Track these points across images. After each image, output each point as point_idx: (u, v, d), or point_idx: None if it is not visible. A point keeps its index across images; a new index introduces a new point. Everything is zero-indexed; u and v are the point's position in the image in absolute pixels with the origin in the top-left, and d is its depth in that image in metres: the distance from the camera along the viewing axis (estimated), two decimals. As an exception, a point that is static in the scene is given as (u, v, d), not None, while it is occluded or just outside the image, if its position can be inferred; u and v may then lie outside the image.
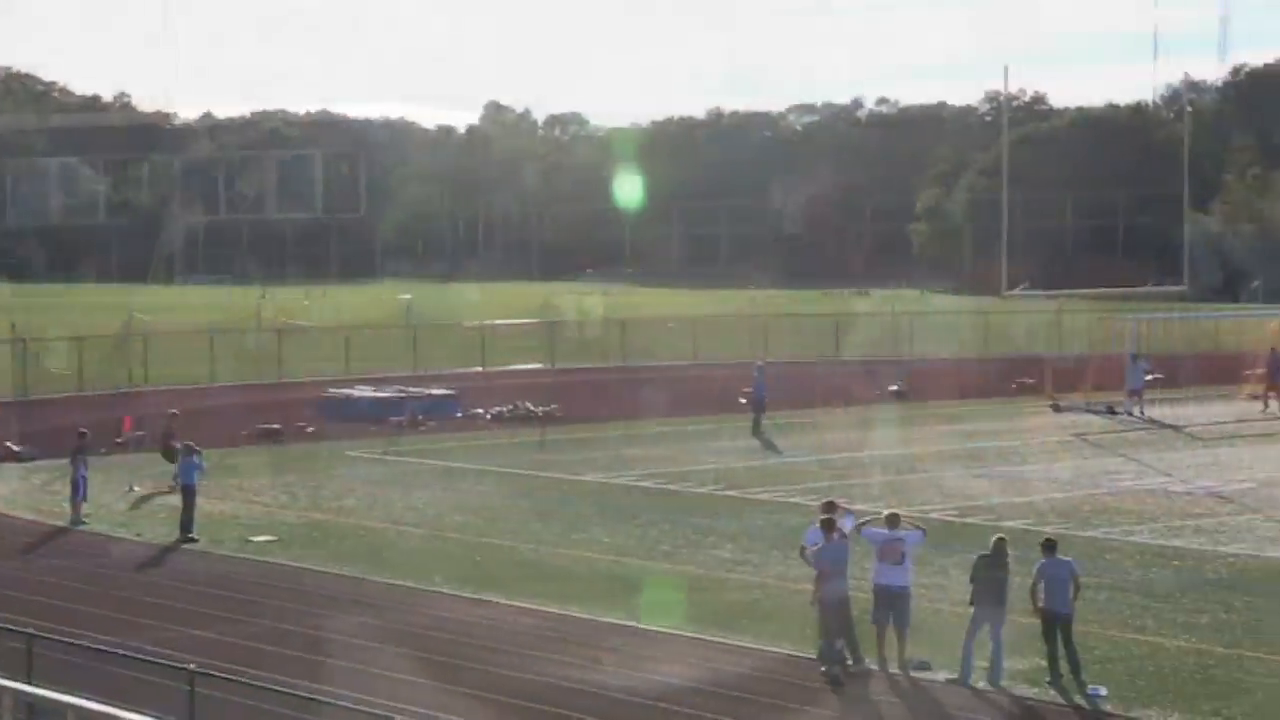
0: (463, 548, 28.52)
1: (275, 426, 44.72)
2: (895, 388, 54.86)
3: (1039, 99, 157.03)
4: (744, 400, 47.54)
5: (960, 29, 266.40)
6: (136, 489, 35.09)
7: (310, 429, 45.30)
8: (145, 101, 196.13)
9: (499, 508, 32.73)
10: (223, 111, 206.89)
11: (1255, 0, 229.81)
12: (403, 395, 50.08)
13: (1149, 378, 49.94)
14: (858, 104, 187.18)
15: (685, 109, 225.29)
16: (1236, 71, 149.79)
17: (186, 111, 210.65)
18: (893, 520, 20.94)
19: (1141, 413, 47.76)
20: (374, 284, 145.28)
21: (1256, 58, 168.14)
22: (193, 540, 29.19)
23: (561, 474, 37.41)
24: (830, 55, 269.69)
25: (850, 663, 20.32)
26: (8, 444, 40.60)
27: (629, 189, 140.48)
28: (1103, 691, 19.19)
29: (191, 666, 15.41)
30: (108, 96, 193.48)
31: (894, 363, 63.88)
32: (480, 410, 48.98)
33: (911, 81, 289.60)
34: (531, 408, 49.30)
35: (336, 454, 40.67)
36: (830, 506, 21.47)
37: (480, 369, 62.09)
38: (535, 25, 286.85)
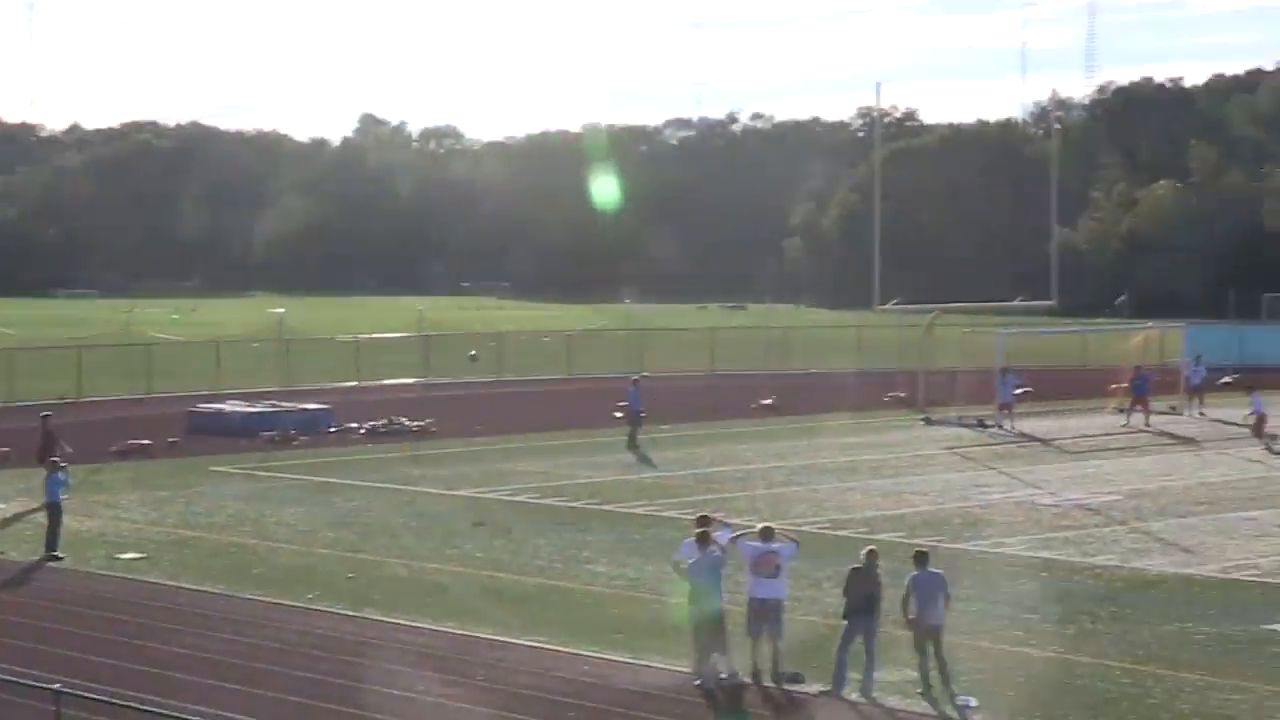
0: (336, 564, 28.27)
1: (144, 442, 44.10)
2: (769, 401, 55.17)
3: (910, 115, 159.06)
4: (619, 414, 47.59)
5: (834, 46, 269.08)
6: (2, 506, 34.44)
7: (180, 444, 44.73)
8: (10, 113, 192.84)
9: (373, 523, 32.49)
10: (91, 123, 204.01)
11: (1121, 19, 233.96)
12: (275, 410, 49.59)
13: (1018, 391, 50.61)
14: (733, 118, 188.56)
15: (562, 123, 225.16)
16: (1103, 89, 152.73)
17: (54, 123, 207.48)
18: (767, 533, 21.04)
19: (1011, 426, 48.39)
20: (246, 298, 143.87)
21: (1123, 76, 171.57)
22: (58, 559, 28.68)
23: (435, 489, 37.22)
24: (707, 71, 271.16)
25: (724, 676, 20.38)
26: None
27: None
28: (973, 702, 19.42)
29: (57, 686, 15.13)
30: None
31: (768, 376, 64.28)
32: (354, 425, 48.62)
33: (786, 97, 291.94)
34: (406, 422, 49.03)
35: (206, 470, 40.16)
36: (704, 520, 21.53)
37: (355, 383, 61.69)
38: (412, 39, 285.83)
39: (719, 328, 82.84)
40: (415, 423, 48.95)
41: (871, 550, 20.59)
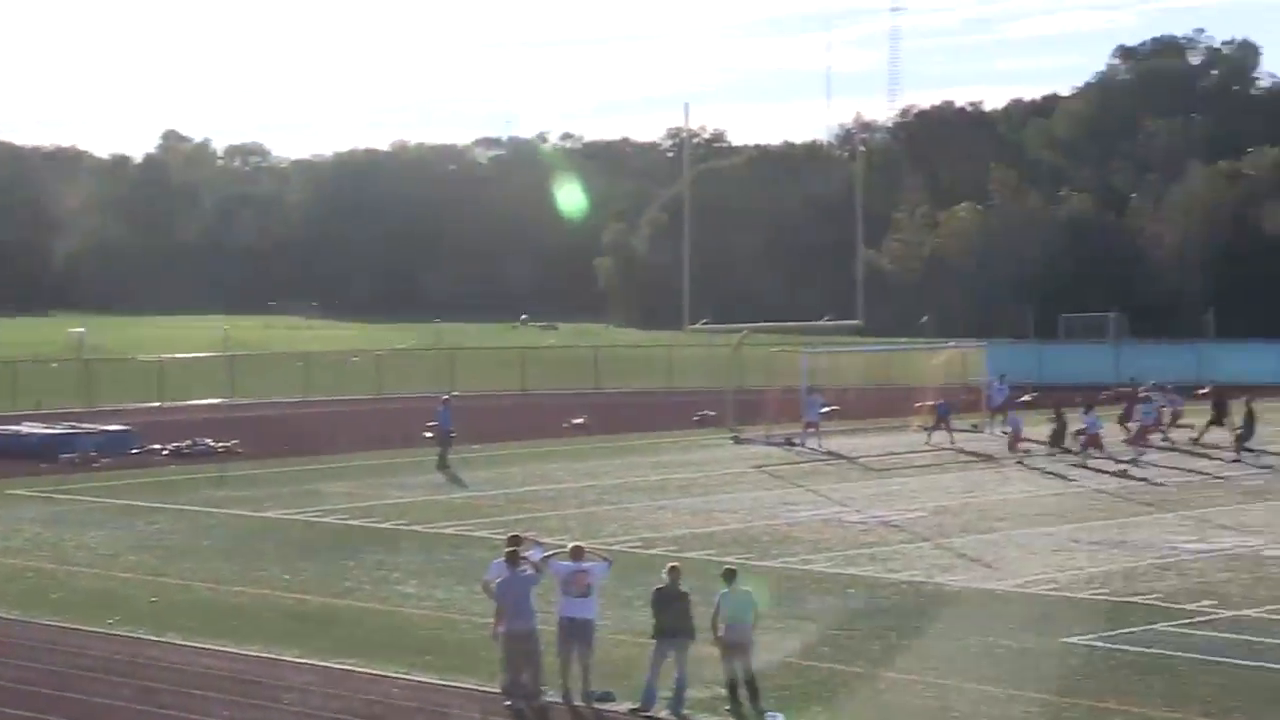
0: (138, 587, 27.70)
1: (-63, 465, 42.87)
2: (580, 421, 55.26)
3: (719, 136, 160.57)
4: (429, 434, 47.31)
5: (643, 67, 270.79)
6: None
7: (-25, 467, 43.53)
8: None
9: (176, 546, 31.90)
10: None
11: (923, 44, 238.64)
12: (75, 431, 48.51)
13: (825, 410, 51.25)
14: (543, 138, 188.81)
15: (370, 141, 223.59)
16: (906, 113, 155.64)
17: None
18: (577, 552, 21.02)
19: (818, 444, 48.96)
20: (43, 317, 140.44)
21: (925, 99, 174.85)
22: None
23: (242, 510, 36.66)
24: (517, 90, 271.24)
25: (534, 696, 20.31)
26: None
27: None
28: (780, 718, 19.59)
29: None
30: None
31: (579, 396, 64.40)
32: (158, 446, 47.74)
33: (596, 117, 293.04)
34: (212, 443, 48.25)
35: (2, 493, 39.11)
36: (515, 540, 21.44)
37: (158, 404, 60.57)
38: (218, 56, 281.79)
39: (530, 347, 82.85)
40: (221, 444, 48.20)
41: (673, 567, 20.64)
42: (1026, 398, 52.71)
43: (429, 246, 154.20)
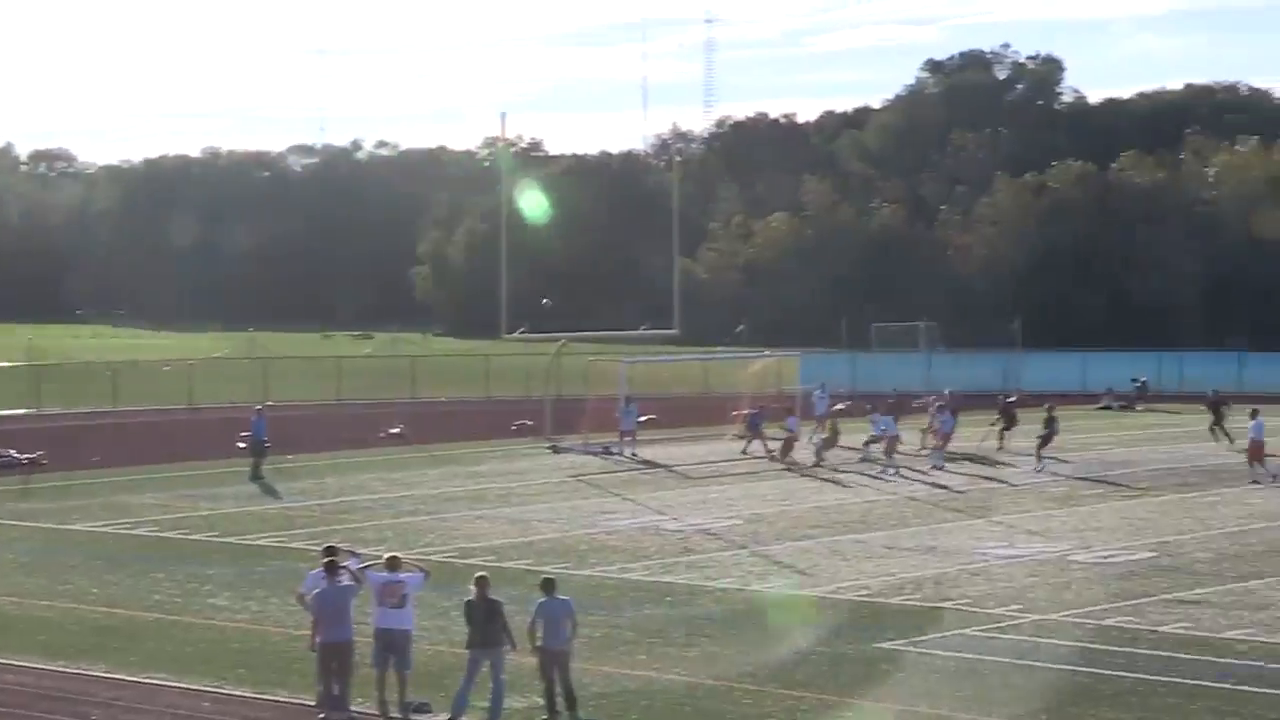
0: (-62, 604, 26.96)
1: None
2: (397, 430, 54.91)
3: (536, 145, 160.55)
4: (243, 445, 46.67)
5: (460, 74, 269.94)
6: None
7: None
8: None
9: (-21, 560, 31.09)
10: None
11: (738, 56, 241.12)
12: None
13: (642, 419, 51.48)
14: (357, 145, 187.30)
15: (181, 148, 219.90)
16: (721, 123, 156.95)
17: None
18: (393, 563, 20.90)
19: (635, 453, 49.16)
20: None
21: (739, 110, 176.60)
22: None
23: (48, 523, 35.86)
24: (331, 97, 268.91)
25: (344, 709, 20.11)
26: None
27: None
28: (599, 726, 19.65)
29: None
30: None
31: (396, 405, 63.95)
32: (-42, 458, 46.49)
33: (412, 124, 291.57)
34: (16, 455, 47.10)
35: None
36: (331, 550, 21.25)
37: (-41, 414, 58.99)
38: (22, 59, 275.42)
39: (345, 356, 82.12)
40: (26, 455, 47.07)
41: (480, 578, 20.51)
42: (839, 406, 53.31)
43: (241, 253, 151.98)
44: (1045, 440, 45.84)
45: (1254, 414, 43.06)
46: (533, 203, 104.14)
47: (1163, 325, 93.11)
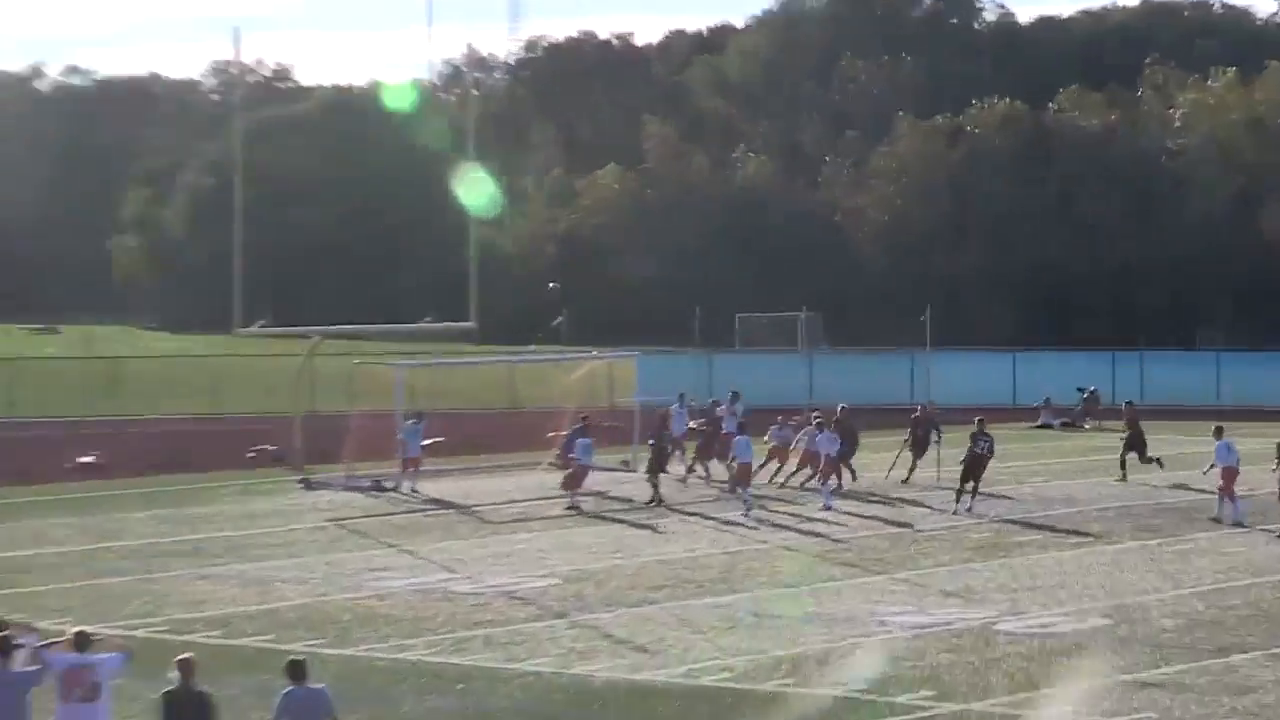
0: None
1: None
2: (91, 459, 54.32)
3: (284, 73, 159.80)
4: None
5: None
6: None
7: None
8: None
9: None
10: None
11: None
12: None
13: (428, 442, 51.24)
14: (38, 72, 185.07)
15: None
16: (532, 46, 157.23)
17: None
18: (82, 640, 20.55)
19: (417, 488, 48.93)
20: None
21: (557, 29, 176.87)
22: None
23: None
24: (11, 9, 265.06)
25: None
26: None
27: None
28: None
29: None
30: None
31: (91, 425, 63.14)
32: None
33: (115, 46, 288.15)
34: None
35: None
36: (1, 625, 20.91)
37: None
38: None
39: (22, 358, 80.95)
40: None
41: (184, 660, 20.27)
42: (693, 424, 53.37)
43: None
44: (969, 469, 45.99)
45: (1219, 432, 43.66)
46: (278, 151, 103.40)
47: (1116, 316, 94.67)
